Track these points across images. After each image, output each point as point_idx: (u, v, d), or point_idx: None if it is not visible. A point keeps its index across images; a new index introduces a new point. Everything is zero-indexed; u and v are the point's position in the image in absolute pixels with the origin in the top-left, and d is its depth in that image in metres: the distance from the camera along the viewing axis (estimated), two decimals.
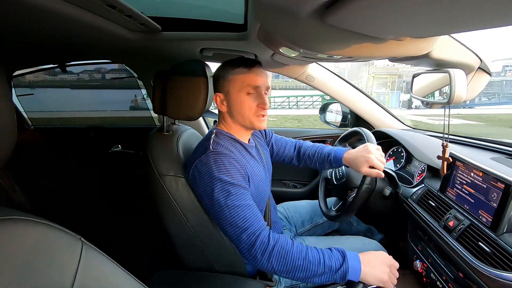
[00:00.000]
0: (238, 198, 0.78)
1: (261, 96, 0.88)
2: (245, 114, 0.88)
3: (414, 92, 1.06)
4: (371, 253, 0.79)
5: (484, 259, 0.68)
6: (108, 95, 6.42)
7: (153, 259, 1.55)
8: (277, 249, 0.75)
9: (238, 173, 0.81)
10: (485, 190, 0.75)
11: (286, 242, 0.77)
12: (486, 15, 0.38)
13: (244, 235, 0.76)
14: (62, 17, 0.67)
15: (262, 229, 0.77)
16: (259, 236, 0.75)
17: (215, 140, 0.87)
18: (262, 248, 0.75)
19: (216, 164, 0.80)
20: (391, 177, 1.17)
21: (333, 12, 0.43)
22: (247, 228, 0.76)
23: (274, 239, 0.76)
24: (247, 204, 0.79)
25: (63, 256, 0.37)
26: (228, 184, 0.78)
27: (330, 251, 0.78)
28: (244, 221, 0.77)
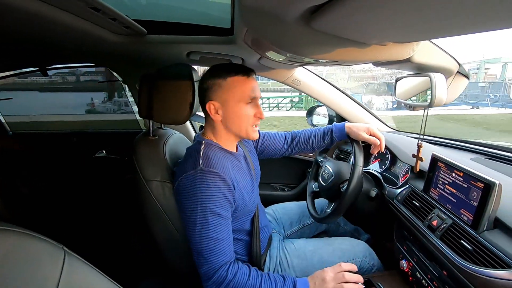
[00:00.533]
0: (213, 230, 0.78)
1: (258, 106, 0.87)
2: (243, 125, 0.86)
3: (397, 95, 1.09)
4: (319, 275, 0.82)
5: (466, 256, 0.71)
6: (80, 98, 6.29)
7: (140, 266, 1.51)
8: (232, 284, 0.78)
9: (224, 198, 0.79)
10: (466, 190, 0.78)
11: (243, 277, 0.79)
12: (463, 22, 0.40)
13: (205, 267, 0.78)
14: (43, 19, 0.65)
15: (224, 263, 0.79)
16: (218, 271, 0.78)
17: (206, 154, 0.82)
18: (219, 281, 0.78)
19: (201, 185, 0.77)
20: (376, 179, 1.20)
21: (319, 17, 0.44)
22: (210, 262, 0.78)
23: (232, 273, 0.78)
24: (218, 238, 0.78)
25: (44, 266, 0.35)
26: (209, 212, 0.77)
27: (283, 280, 0.81)
28: (210, 254, 0.78)
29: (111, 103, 9.52)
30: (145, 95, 0.94)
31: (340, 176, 1.13)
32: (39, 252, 0.36)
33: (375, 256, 1.09)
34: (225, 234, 0.80)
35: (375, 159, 1.41)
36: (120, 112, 8.70)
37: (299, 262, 0.99)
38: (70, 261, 0.38)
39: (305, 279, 0.82)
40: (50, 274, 0.36)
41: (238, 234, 0.93)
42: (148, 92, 0.93)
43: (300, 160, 1.78)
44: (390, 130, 1.59)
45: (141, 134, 1.00)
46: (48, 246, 0.37)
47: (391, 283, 0.96)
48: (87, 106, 8.54)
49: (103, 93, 9.87)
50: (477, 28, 0.43)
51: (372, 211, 1.16)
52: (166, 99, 0.92)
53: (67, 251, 0.39)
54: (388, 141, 1.30)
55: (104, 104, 9.63)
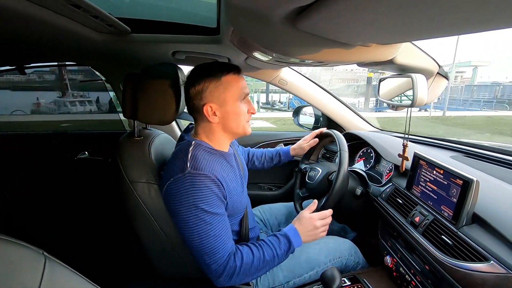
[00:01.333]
0: (212, 227, 0.77)
1: (249, 102, 0.89)
2: (240, 122, 0.87)
3: (381, 95, 1.12)
4: (303, 222, 0.89)
5: (447, 251, 0.73)
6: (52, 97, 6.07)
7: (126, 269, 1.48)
8: (243, 268, 0.80)
9: (216, 197, 0.79)
10: (446, 187, 0.80)
11: (248, 257, 0.81)
12: (443, 25, 0.41)
13: (213, 266, 0.78)
14: (20, 16, 0.63)
15: (229, 255, 0.79)
16: (226, 266, 0.79)
17: (194, 155, 0.81)
18: (230, 273, 0.79)
19: (193, 188, 0.76)
20: (361, 177, 1.22)
21: (304, 18, 0.45)
22: (216, 260, 0.78)
23: (239, 259, 0.80)
24: (219, 233, 0.78)
25: (23, 273, 0.34)
26: (204, 212, 0.76)
27: (277, 239, 0.85)
28: (214, 252, 0.77)
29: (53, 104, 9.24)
30: (130, 95, 0.92)
31: (328, 170, 1.15)
32: (17, 258, 0.35)
33: (360, 254, 1.11)
34: (224, 229, 0.80)
35: (360, 157, 1.44)
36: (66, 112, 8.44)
37: (286, 261, 0.99)
38: (51, 266, 0.37)
39: (290, 225, 0.90)
40: (30, 281, 0.34)
41: None
42: (133, 92, 0.91)
43: None
44: (374, 130, 1.63)
45: (125, 135, 0.98)
46: (27, 252, 0.36)
47: (376, 279, 0.98)
48: (32, 106, 8.25)
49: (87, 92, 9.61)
50: (456, 31, 0.44)
51: (357, 209, 1.18)
52: (152, 99, 0.90)
53: (47, 256, 0.37)
54: (372, 140, 1.33)
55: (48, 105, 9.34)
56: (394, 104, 1.07)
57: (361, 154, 1.45)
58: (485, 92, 25.45)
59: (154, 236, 0.88)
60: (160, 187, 0.88)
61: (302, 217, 0.91)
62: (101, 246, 1.71)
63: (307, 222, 0.89)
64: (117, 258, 1.62)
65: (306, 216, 0.91)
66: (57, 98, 9.34)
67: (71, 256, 0.80)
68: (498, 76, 52.52)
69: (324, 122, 1.75)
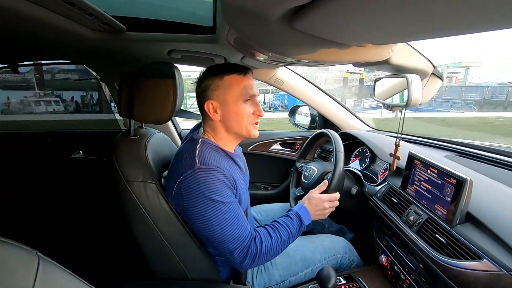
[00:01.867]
0: (230, 216, 0.79)
1: (256, 103, 0.88)
2: (243, 123, 0.86)
3: (376, 95, 1.13)
4: (313, 202, 0.95)
5: (441, 249, 0.74)
6: None
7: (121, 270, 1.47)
8: (264, 250, 0.82)
9: (228, 188, 0.80)
10: (440, 186, 0.81)
11: (267, 239, 0.84)
12: (438, 26, 0.42)
13: (237, 251, 0.80)
14: (12, 13, 0.62)
15: (250, 240, 0.82)
16: (248, 249, 0.80)
17: (201, 152, 0.81)
18: (252, 256, 0.81)
19: (205, 182, 0.76)
20: (357, 177, 1.23)
21: (300, 18, 0.45)
22: (239, 244, 0.80)
23: (259, 242, 0.82)
24: (237, 220, 0.80)
25: (16, 273, 0.34)
26: (219, 203, 0.77)
27: (290, 218, 0.89)
28: (235, 237, 0.79)
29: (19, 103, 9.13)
30: (125, 94, 0.91)
31: (324, 170, 1.15)
32: (11, 258, 0.34)
33: (355, 252, 1.11)
34: (241, 214, 0.82)
35: (356, 157, 1.45)
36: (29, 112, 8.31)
37: (282, 260, 1.00)
38: (45, 267, 0.36)
39: (300, 204, 0.95)
40: (23, 281, 0.34)
41: None
42: (129, 90, 0.90)
43: (283, 159, 1.79)
44: (369, 129, 1.64)
45: (121, 134, 0.97)
46: (20, 252, 0.35)
47: (371, 277, 0.99)
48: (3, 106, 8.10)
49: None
50: (451, 32, 0.45)
51: (353, 208, 1.19)
52: (148, 97, 0.89)
53: (41, 256, 0.37)
54: (368, 140, 1.34)
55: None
56: (389, 104, 1.08)
57: (356, 153, 1.45)
58: (475, 93, 25.69)
59: (150, 236, 0.88)
60: (161, 187, 0.88)
61: (312, 197, 0.96)
62: (96, 246, 1.70)
63: (317, 202, 0.94)
64: (112, 258, 1.61)
65: (316, 196, 0.96)
66: (23, 97, 9.24)
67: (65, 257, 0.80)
68: (489, 77, 53.38)
69: (320, 121, 1.75)
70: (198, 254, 0.89)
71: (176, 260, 0.89)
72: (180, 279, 0.91)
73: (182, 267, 0.90)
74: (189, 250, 0.88)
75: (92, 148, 1.76)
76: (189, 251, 0.89)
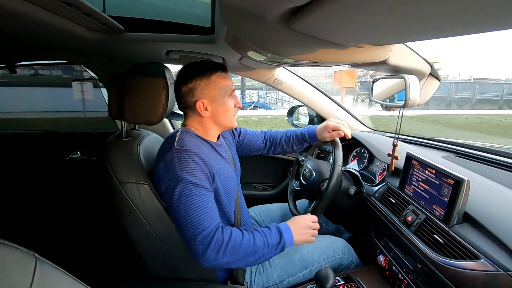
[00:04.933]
0: (198, 199, 0.78)
1: (235, 96, 0.95)
2: (228, 116, 0.92)
3: (374, 96, 1.13)
4: (296, 221, 0.90)
5: (439, 249, 0.74)
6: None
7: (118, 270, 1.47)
8: (231, 244, 0.78)
9: (202, 172, 0.81)
10: (437, 186, 0.81)
11: (237, 235, 0.81)
12: (435, 26, 0.42)
13: (200, 236, 0.77)
14: (10, 13, 0.61)
15: (217, 228, 0.79)
16: (213, 237, 0.77)
17: (181, 137, 0.85)
18: (217, 246, 0.77)
19: (179, 162, 0.79)
20: (355, 177, 1.23)
21: (298, 18, 0.45)
22: (203, 229, 0.77)
23: (227, 234, 0.79)
24: (205, 205, 0.79)
25: (13, 275, 0.33)
26: (190, 183, 0.78)
27: (269, 229, 0.86)
28: (200, 223, 0.77)
29: None
30: (115, 95, 0.91)
31: (320, 175, 1.15)
32: (7, 260, 0.34)
33: (354, 252, 1.12)
34: (211, 203, 0.81)
35: (354, 157, 1.45)
36: None
37: (280, 260, 1.00)
38: (42, 268, 0.36)
39: (285, 223, 0.90)
40: (20, 282, 0.34)
41: None
42: (119, 91, 0.90)
43: (281, 159, 1.79)
44: (367, 130, 1.64)
45: (113, 136, 0.97)
46: (17, 253, 0.35)
47: (369, 277, 0.99)
48: None
49: None
50: (448, 32, 0.45)
51: (351, 208, 1.19)
52: (138, 98, 0.89)
53: (38, 257, 0.37)
54: (366, 140, 1.34)
55: None
56: (387, 105, 1.08)
57: (354, 154, 1.46)
58: (442, 90, 25.65)
59: (145, 237, 0.88)
60: (155, 188, 0.88)
61: (294, 217, 0.93)
62: (93, 247, 1.69)
63: (299, 220, 0.91)
64: (109, 259, 1.60)
65: (298, 216, 0.94)
66: None
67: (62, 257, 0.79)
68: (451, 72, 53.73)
69: (318, 122, 1.75)
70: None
71: (171, 260, 0.89)
72: (176, 279, 0.91)
73: (177, 267, 0.90)
74: (184, 250, 0.88)
75: (89, 148, 1.75)
76: (184, 251, 0.88)
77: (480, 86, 25.97)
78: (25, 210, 1.85)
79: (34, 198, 1.85)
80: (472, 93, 24.97)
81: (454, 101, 25.09)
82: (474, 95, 24.86)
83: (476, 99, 24.74)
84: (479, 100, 24.64)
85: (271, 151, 1.27)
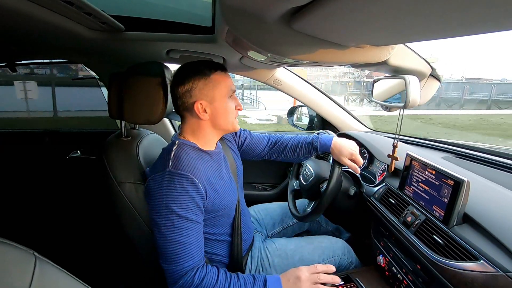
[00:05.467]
0: (179, 233, 0.75)
1: (236, 98, 0.90)
2: (229, 118, 0.88)
3: (374, 96, 1.13)
4: (293, 273, 0.80)
5: (438, 250, 0.74)
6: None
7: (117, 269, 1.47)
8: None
9: (191, 201, 0.76)
10: (437, 187, 0.81)
11: (210, 281, 0.76)
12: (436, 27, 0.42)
13: (171, 270, 0.76)
14: (10, 12, 0.61)
15: (190, 268, 0.76)
16: (184, 276, 0.75)
17: (176, 154, 0.80)
18: (184, 286, 0.75)
19: (168, 187, 0.75)
20: (355, 177, 1.23)
21: (299, 18, 0.45)
22: (177, 266, 0.75)
23: (199, 278, 0.75)
24: (185, 241, 0.76)
25: (12, 273, 0.33)
26: (174, 215, 0.74)
27: (253, 279, 0.78)
28: (176, 258, 0.75)
29: None
30: (115, 95, 0.91)
31: (320, 176, 1.15)
32: (7, 258, 0.34)
33: (353, 253, 1.12)
34: (193, 239, 0.77)
35: None
36: None
37: (280, 261, 1.00)
38: (41, 267, 0.36)
39: (277, 276, 0.80)
40: (19, 281, 0.34)
41: (219, 235, 0.92)
42: (118, 91, 0.90)
43: None
44: (367, 130, 1.64)
45: (113, 135, 0.97)
46: (16, 252, 0.35)
47: (369, 278, 0.99)
48: None
49: None
50: (449, 33, 0.45)
51: (351, 209, 1.19)
52: (137, 98, 0.89)
53: (38, 256, 0.37)
54: (366, 141, 1.34)
55: None
56: (387, 105, 1.08)
57: None
58: None
59: (143, 237, 0.88)
60: None
61: (291, 270, 0.83)
62: (93, 246, 1.69)
63: (295, 273, 0.80)
64: (109, 258, 1.60)
65: (295, 268, 0.82)
66: None
67: (62, 256, 0.79)
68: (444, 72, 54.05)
69: (318, 122, 1.75)
70: None
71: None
72: None
73: None
74: None
75: (89, 147, 1.75)
76: None
77: (470, 86, 26.24)
78: (25, 209, 1.85)
79: (34, 197, 1.85)
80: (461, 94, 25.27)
81: (443, 101, 25.26)
82: (463, 95, 25.10)
83: (465, 99, 25.00)
84: (467, 100, 24.89)
85: (273, 157, 1.21)
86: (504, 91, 26.78)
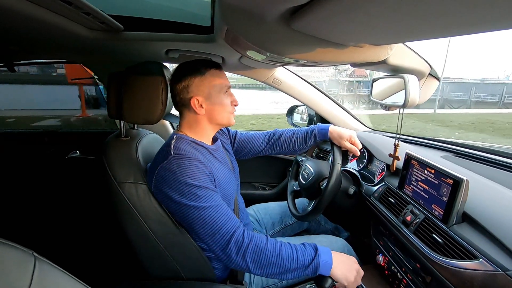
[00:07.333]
0: (207, 200, 0.77)
1: (232, 94, 0.93)
2: (225, 114, 0.91)
3: (374, 95, 1.13)
4: (345, 255, 0.83)
5: (437, 249, 0.74)
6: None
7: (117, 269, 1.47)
8: (251, 247, 0.76)
9: (204, 175, 0.79)
10: (437, 186, 0.82)
11: (260, 240, 0.78)
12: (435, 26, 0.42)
13: (218, 235, 0.76)
14: (8, 12, 0.61)
15: (236, 227, 0.78)
16: (233, 235, 0.76)
17: (176, 145, 0.84)
18: (237, 246, 0.75)
19: (180, 168, 0.77)
20: (354, 177, 1.23)
21: (298, 18, 0.45)
22: (220, 228, 0.76)
23: (248, 236, 0.77)
24: (216, 204, 0.78)
25: (12, 274, 0.33)
26: (195, 187, 0.76)
27: (304, 246, 0.80)
28: (216, 222, 0.76)
29: None
30: (114, 94, 0.91)
31: (320, 175, 1.15)
32: (6, 259, 0.34)
33: (353, 252, 1.12)
34: (221, 201, 0.80)
35: (353, 157, 1.45)
36: None
37: None
38: (41, 267, 0.36)
39: (328, 249, 0.80)
40: (19, 282, 0.33)
41: None
42: (117, 91, 0.90)
43: (281, 159, 1.79)
44: (367, 129, 1.64)
45: (112, 135, 0.97)
46: (16, 252, 0.35)
47: (368, 277, 0.99)
48: None
49: None
50: (448, 32, 0.45)
51: (350, 208, 1.19)
52: (136, 98, 0.89)
53: (37, 256, 0.37)
54: (365, 140, 1.35)
55: None
56: (386, 104, 1.08)
57: None
58: None
59: (143, 237, 0.88)
60: (148, 186, 0.87)
61: (344, 254, 0.84)
62: (92, 246, 1.69)
63: (349, 258, 0.82)
64: (108, 258, 1.60)
65: (351, 257, 0.83)
66: None
67: (61, 257, 0.79)
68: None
69: (317, 121, 1.75)
70: (192, 253, 0.88)
71: (170, 260, 0.89)
72: (175, 278, 0.91)
73: (176, 266, 0.90)
74: (182, 249, 0.88)
75: (89, 148, 1.75)
76: (182, 250, 0.88)
77: (449, 86, 26.59)
78: (24, 209, 1.85)
79: (33, 197, 1.85)
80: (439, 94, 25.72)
81: None
82: (441, 95, 25.45)
83: (443, 99, 25.29)
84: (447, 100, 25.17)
85: (269, 151, 1.24)
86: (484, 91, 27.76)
